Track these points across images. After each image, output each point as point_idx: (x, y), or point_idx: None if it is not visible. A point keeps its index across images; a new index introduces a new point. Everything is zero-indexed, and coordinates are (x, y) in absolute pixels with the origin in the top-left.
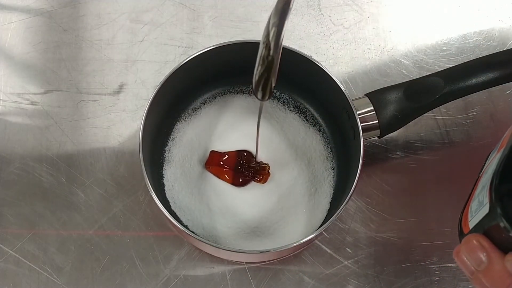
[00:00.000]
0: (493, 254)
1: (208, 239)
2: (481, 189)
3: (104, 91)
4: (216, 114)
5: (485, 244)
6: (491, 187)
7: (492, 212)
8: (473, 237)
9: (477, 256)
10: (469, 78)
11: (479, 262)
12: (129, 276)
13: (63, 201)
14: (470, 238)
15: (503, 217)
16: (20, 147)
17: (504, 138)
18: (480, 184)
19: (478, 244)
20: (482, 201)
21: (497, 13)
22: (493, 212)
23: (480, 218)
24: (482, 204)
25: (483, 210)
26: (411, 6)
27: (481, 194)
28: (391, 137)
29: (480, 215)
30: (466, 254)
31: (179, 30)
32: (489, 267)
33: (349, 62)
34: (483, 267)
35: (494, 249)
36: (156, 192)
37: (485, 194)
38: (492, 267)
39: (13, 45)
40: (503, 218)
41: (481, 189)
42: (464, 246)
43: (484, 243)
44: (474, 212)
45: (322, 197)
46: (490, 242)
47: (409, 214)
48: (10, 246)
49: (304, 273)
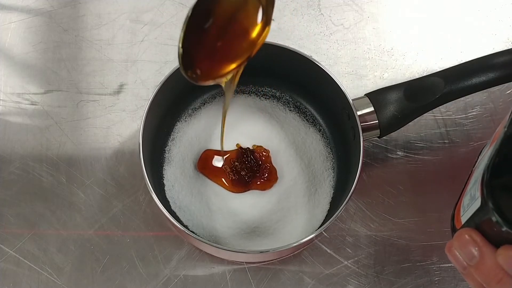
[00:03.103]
0: (485, 248)
1: (208, 239)
2: (473, 184)
3: (104, 91)
4: (216, 114)
5: (477, 239)
6: (482, 182)
7: (484, 206)
8: (465, 232)
9: (469, 250)
10: (469, 78)
11: (471, 256)
12: (129, 276)
13: (63, 201)
14: (462, 233)
15: (494, 211)
16: (20, 147)
17: (496, 133)
18: (472, 179)
19: (470, 239)
20: (474, 196)
21: (497, 13)
22: (484, 206)
23: (472, 212)
24: (474, 199)
25: (475, 204)
26: (411, 6)
27: (473, 189)
28: (391, 137)
29: (472, 210)
30: (458, 248)
31: (179, 30)
32: (481, 261)
33: (349, 62)
34: (475, 262)
35: (486, 243)
36: (156, 192)
37: (477, 188)
38: (484, 262)
39: (13, 45)
40: (494, 212)
41: (473, 184)
42: (456, 240)
43: (476, 238)
44: (466, 207)
45: (322, 197)
46: (482, 236)
47: (409, 214)
48: (10, 246)
49: (304, 273)
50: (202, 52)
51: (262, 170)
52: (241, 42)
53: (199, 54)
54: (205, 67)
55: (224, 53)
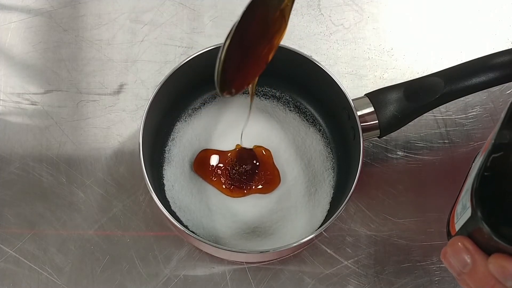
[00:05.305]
0: (477, 256)
1: (208, 239)
2: (465, 193)
3: (104, 91)
4: (216, 114)
5: (469, 247)
6: (472, 191)
7: (474, 215)
8: (458, 240)
9: (462, 258)
10: (469, 78)
11: (464, 264)
12: (129, 276)
13: (63, 201)
14: (455, 241)
15: (483, 220)
16: (20, 147)
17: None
18: (464, 187)
19: (463, 247)
20: (465, 205)
21: (497, 13)
22: (474, 215)
23: (464, 221)
24: (465, 208)
25: (466, 213)
26: (411, 5)
27: (465, 198)
28: (391, 137)
29: (464, 218)
30: (452, 256)
31: (179, 30)
32: (474, 269)
33: (349, 62)
34: (468, 269)
35: (478, 251)
36: (156, 192)
37: (467, 198)
38: (476, 269)
39: (13, 45)
40: (483, 222)
41: (465, 193)
42: (450, 248)
43: (468, 246)
44: (459, 215)
45: (322, 197)
46: (474, 244)
47: (409, 214)
48: (10, 246)
49: (304, 273)
50: (236, 72)
51: (260, 174)
52: (265, 48)
53: (234, 74)
54: (238, 84)
55: (253, 65)
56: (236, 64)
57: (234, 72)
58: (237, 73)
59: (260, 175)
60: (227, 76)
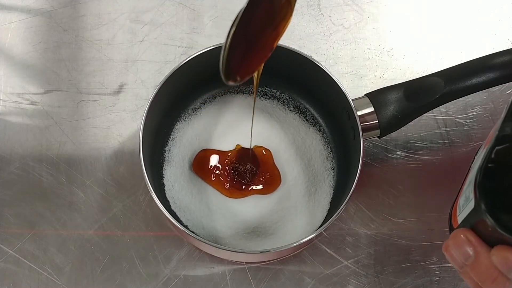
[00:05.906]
0: (480, 248)
1: (208, 239)
2: (468, 185)
3: (104, 91)
4: (216, 114)
5: (472, 239)
6: (475, 183)
7: (477, 207)
8: (460, 232)
9: (464, 250)
10: (469, 78)
11: (467, 256)
12: (129, 276)
13: (63, 201)
14: (458, 233)
15: (487, 212)
16: (20, 147)
17: (489, 135)
18: (467, 179)
19: (465, 239)
20: (469, 197)
21: (497, 13)
22: (478, 207)
23: (467, 213)
24: (468, 200)
25: (469, 205)
26: (411, 5)
27: (468, 190)
28: (391, 137)
29: (467, 211)
30: (454, 248)
31: (179, 30)
32: (476, 261)
33: (349, 62)
34: (471, 261)
35: (480, 243)
36: (156, 192)
37: (471, 190)
38: (479, 261)
39: (13, 45)
40: (487, 214)
41: (467, 185)
42: (452, 240)
43: (471, 238)
44: (462, 207)
45: (322, 197)
46: (477, 236)
47: (409, 214)
48: (10, 246)
49: (304, 273)
50: (241, 59)
51: (261, 174)
52: (271, 35)
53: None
54: (243, 71)
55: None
56: (241, 51)
57: (239, 60)
58: (242, 61)
59: (261, 175)
60: (232, 63)
